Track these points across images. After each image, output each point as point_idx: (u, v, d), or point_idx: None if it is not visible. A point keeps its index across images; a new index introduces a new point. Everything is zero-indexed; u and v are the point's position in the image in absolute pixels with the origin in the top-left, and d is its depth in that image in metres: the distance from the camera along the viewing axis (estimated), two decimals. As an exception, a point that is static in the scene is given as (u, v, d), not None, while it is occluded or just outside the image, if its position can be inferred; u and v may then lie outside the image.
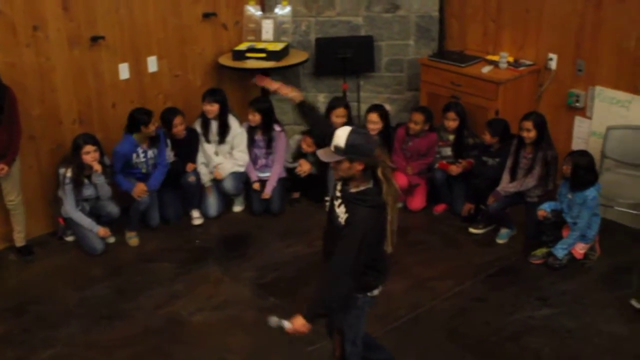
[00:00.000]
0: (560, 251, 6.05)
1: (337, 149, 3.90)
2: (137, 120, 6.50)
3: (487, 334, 5.36)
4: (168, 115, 6.84)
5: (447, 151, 7.00)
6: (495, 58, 7.16)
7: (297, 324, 3.97)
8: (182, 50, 7.26)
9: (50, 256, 6.49)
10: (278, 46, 7.36)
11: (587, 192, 5.93)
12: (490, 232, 6.64)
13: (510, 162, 6.45)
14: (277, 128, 7.12)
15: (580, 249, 6.09)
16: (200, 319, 5.64)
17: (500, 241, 6.51)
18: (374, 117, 7.02)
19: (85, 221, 6.43)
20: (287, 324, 3.97)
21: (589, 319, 5.47)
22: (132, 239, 6.65)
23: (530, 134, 6.23)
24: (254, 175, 7.14)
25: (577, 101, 6.78)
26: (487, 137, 6.63)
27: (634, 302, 5.52)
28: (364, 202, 3.94)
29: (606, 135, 6.46)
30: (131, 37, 6.86)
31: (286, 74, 7.78)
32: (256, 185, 7.10)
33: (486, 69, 7.04)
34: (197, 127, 7.05)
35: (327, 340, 4.61)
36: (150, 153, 6.69)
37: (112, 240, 6.63)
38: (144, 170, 6.72)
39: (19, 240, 6.45)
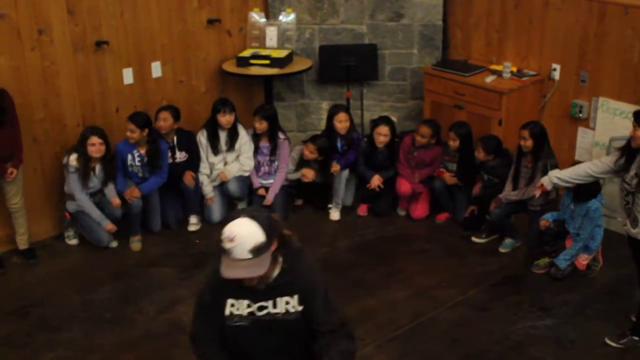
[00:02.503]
0: (562, 262, 6.05)
1: (259, 249, 2.97)
2: None
3: (490, 343, 5.37)
4: (157, 110, 6.83)
5: (453, 166, 6.96)
6: (498, 68, 7.17)
7: None
8: (186, 55, 7.27)
9: (54, 259, 6.49)
10: (282, 53, 7.38)
11: (589, 204, 5.91)
12: (493, 242, 6.64)
13: (512, 171, 6.46)
14: (281, 136, 7.13)
15: (583, 260, 6.09)
16: (203, 324, 5.63)
17: (503, 250, 6.52)
18: (384, 130, 7.01)
19: (95, 212, 6.43)
20: None
21: (591, 330, 5.47)
22: (135, 243, 6.65)
23: (527, 143, 6.25)
24: (257, 181, 7.15)
25: (581, 112, 6.80)
26: (481, 155, 6.64)
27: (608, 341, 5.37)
28: (298, 265, 3.23)
29: (609, 146, 6.47)
30: (135, 42, 6.87)
31: (290, 81, 7.79)
32: (261, 191, 7.10)
33: (490, 79, 7.06)
34: (202, 138, 7.02)
35: None
36: (145, 159, 6.67)
37: (115, 244, 6.64)
38: (140, 175, 6.72)
39: (22, 243, 6.44)
